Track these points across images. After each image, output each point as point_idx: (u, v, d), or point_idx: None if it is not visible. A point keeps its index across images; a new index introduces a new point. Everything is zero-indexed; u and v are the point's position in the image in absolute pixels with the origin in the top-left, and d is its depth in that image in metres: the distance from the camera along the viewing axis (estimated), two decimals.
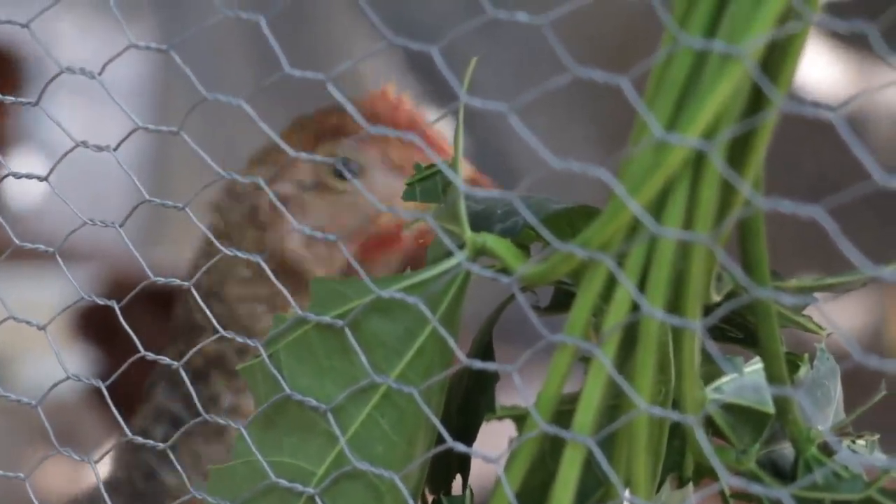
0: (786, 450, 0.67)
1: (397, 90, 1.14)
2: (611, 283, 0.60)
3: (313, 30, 2.47)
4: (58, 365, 0.76)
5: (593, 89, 0.64)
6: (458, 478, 0.71)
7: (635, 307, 0.59)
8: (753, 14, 0.57)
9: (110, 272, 2.23)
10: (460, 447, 0.62)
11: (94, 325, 2.15)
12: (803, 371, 0.67)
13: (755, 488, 0.59)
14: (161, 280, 0.71)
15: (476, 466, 0.68)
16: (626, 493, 0.62)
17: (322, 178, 1.14)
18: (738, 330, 0.68)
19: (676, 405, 0.62)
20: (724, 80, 0.57)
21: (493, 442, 0.67)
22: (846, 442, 0.67)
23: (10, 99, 0.75)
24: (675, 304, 0.60)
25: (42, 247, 0.72)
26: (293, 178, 1.13)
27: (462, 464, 0.69)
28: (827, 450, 0.65)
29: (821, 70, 2.32)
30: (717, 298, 0.62)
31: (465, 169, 1.15)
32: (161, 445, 0.75)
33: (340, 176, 1.14)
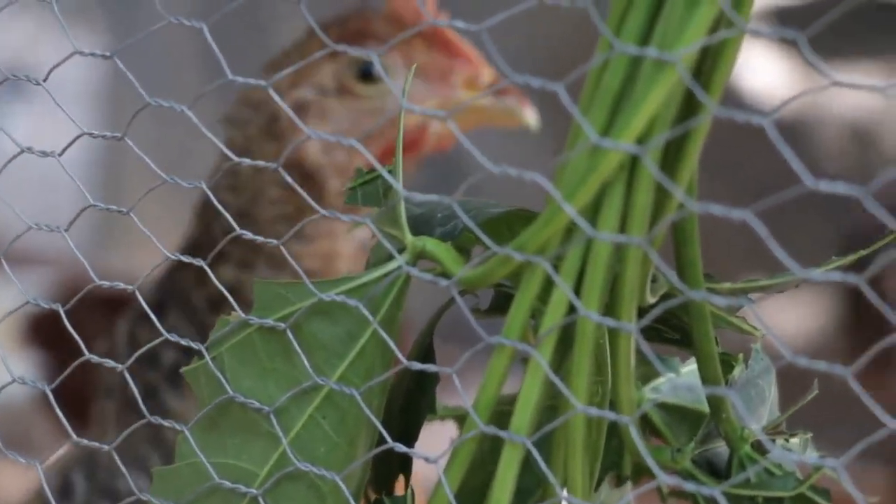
0: (721, 448, 0.69)
1: None
2: (548, 286, 0.61)
3: (270, 34, 2.47)
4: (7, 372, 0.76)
5: (547, 97, 0.65)
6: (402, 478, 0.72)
7: (572, 309, 0.60)
8: (686, 21, 0.58)
9: (66, 277, 2.23)
10: (400, 448, 0.63)
11: (47, 331, 2.15)
12: (737, 371, 0.68)
13: (689, 486, 0.60)
14: (107, 284, 0.71)
15: (421, 466, 0.69)
16: (564, 493, 0.63)
17: (344, 82, 1.10)
18: (675, 331, 0.69)
19: (613, 405, 0.64)
20: (658, 86, 0.58)
21: (440, 442, 0.68)
22: (780, 440, 0.69)
23: None
24: (610, 306, 0.61)
25: None
26: (314, 83, 1.10)
27: (404, 464, 0.70)
28: (760, 448, 0.66)
29: (771, 76, 2.34)
30: (652, 300, 0.63)
31: (487, 73, 1.13)
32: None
33: (363, 80, 1.11)
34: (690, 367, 0.71)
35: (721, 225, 0.63)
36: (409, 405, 0.70)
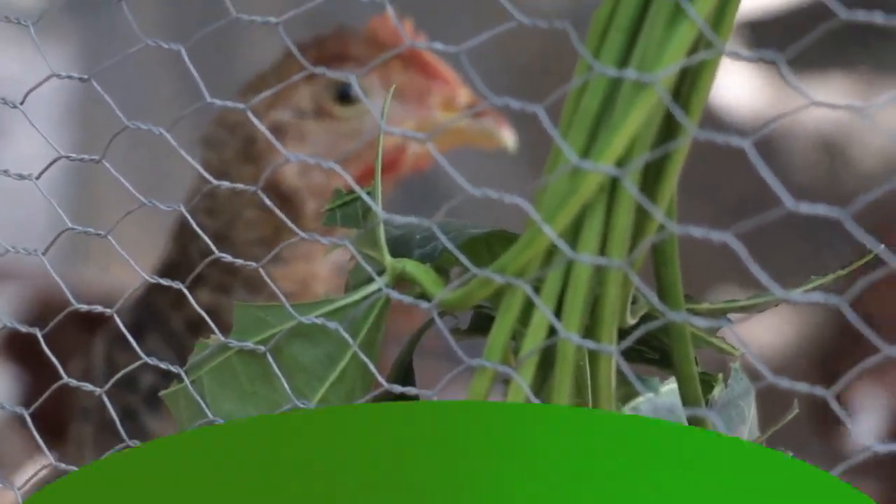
0: None
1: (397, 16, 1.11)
2: (528, 308, 0.61)
3: (246, 56, 2.47)
4: None
5: (524, 118, 0.65)
6: None
7: (553, 331, 0.60)
8: (665, 43, 0.59)
9: (38, 291, 2.22)
10: None
11: (21, 346, 2.14)
12: (717, 391, 0.68)
13: None
14: (84, 308, 0.71)
15: None
16: None
17: (322, 104, 1.10)
18: (655, 351, 0.69)
19: None
20: (637, 107, 0.59)
21: None
22: None
23: None
24: (591, 328, 0.61)
25: None
26: (291, 105, 1.09)
27: None
28: None
29: (743, 91, 2.35)
30: (632, 321, 0.63)
31: (464, 94, 1.12)
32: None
33: (341, 101, 1.10)
34: (670, 387, 0.71)
35: (700, 243, 0.63)
36: None
